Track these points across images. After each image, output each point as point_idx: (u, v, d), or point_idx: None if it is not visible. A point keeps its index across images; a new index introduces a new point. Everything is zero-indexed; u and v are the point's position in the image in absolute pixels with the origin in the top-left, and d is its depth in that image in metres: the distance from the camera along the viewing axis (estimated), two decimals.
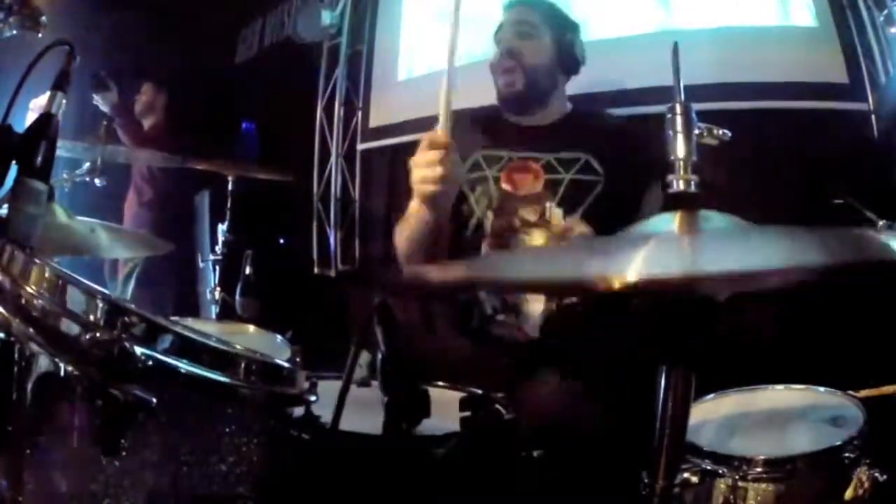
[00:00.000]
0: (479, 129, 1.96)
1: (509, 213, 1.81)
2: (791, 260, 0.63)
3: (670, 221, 0.76)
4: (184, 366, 0.91)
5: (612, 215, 1.49)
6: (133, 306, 0.94)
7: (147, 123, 3.91)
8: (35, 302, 0.93)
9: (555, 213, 1.76)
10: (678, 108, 0.81)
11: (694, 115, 0.82)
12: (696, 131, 0.82)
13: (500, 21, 1.96)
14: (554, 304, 1.75)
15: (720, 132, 0.88)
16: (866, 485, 1.24)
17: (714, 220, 0.77)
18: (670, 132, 0.81)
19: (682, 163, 0.80)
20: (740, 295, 0.67)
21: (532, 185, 1.79)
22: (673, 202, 0.78)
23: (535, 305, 1.77)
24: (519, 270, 0.73)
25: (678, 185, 0.79)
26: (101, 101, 3.58)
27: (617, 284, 0.58)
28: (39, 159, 1.06)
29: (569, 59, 1.92)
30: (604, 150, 1.79)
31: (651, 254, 0.65)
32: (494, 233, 1.81)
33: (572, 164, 1.79)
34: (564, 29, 1.93)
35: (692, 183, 0.79)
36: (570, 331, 1.72)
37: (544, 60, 1.88)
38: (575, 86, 3.08)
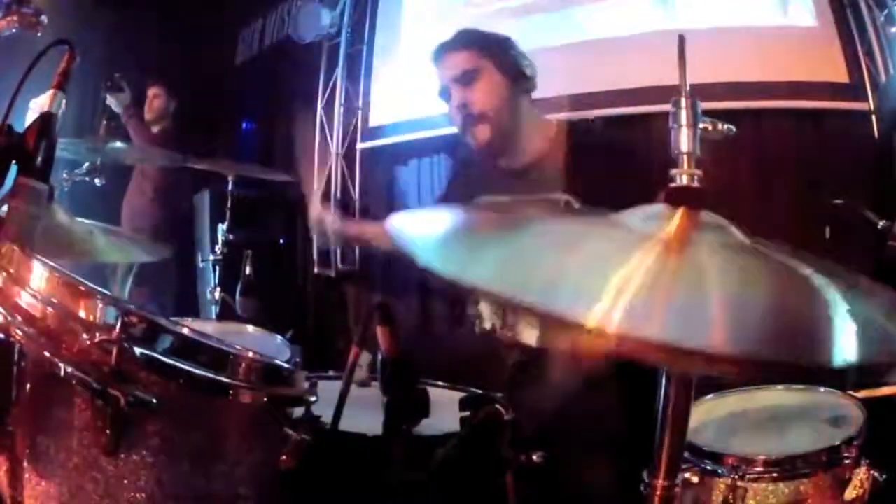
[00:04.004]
0: (472, 176, 1.93)
1: None
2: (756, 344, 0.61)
3: (669, 220, 0.75)
4: (183, 366, 0.91)
5: None
6: (133, 306, 0.94)
7: (156, 128, 3.92)
8: (35, 302, 0.93)
9: None
10: (683, 102, 0.79)
11: (699, 109, 0.80)
12: (701, 126, 0.80)
13: (437, 73, 1.84)
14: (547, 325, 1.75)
15: (724, 127, 0.86)
16: (866, 485, 1.24)
17: (709, 232, 0.75)
18: (675, 125, 0.79)
19: (685, 157, 0.78)
20: None
21: None
22: (676, 197, 0.76)
23: (532, 328, 1.76)
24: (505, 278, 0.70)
25: (681, 179, 0.77)
26: (113, 103, 3.58)
27: (591, 335, 0.57)
28: (39, 159, 1.06)
29: (520, 78, 1.79)
30: (584, 188, 1.70)
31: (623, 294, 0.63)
32: None
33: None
34: (501, 50, 1.80)
35: (696, 177, 0.77)
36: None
37: (498, 94, 1.76)
38: (575, 86, 3.09)
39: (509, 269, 0.70)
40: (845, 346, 0.61)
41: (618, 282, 0.63)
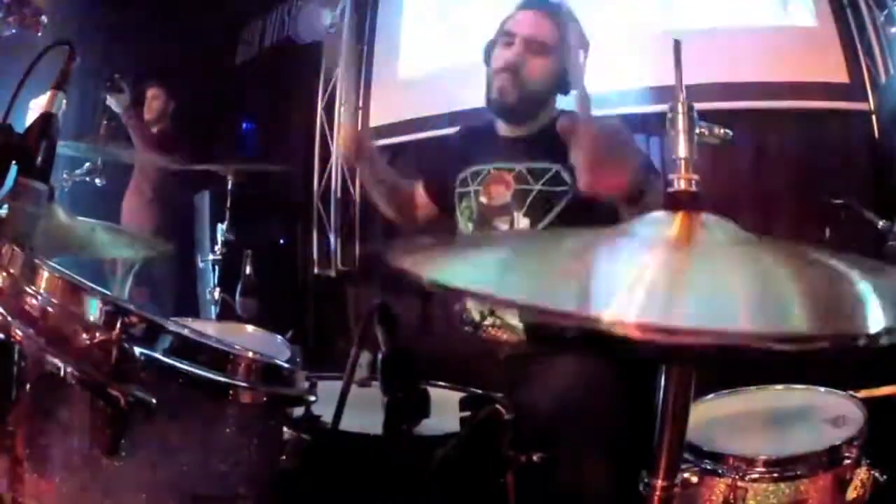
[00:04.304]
0: (470, 145, 1.97)
1: (486, 224, 1.83)
2: (770, 320, 0.60)
3: (670, 224, 0.75)
4: (184, 366, 0.91)
5: (581, 225, 1.41)
6: (133, 306, 0.94)
7: (156, 128, 3.92)
8: (35, 302, 0.93)
9: (522, 223, 1.77)
10: (680, 107, 0.80)
11: (696, 114, 0.81)
12: (698, 130, 0.81)
13: (516, 12, 1.84)
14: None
15: (721, 131, 0.87)
16: (867, 485, 1.24)
17: (713, 228, 0.75)
18: (672, 131, 0.80)
19: (683, 162, 0.79)
20: None
21: (504, 195, 1.80)
22: (674, 202, 0.77)
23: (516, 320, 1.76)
24: (501, 289, 0.70)
25: (679, 184, 0.78)
26: (113, 103, 3.60)
27: (605, 328, 0.55)
28: (39, 159, 1.06)
29: (568, 82, 1.82)
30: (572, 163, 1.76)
31: (638, 288, 0.62)
32: None
33: (542, 175, 1.77)
34: (576, 50, 1.81)
35: (693, 182, 0.78)
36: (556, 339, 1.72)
37: (545, 81, 1.80)
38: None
39: (518, 278, 0.70)
40: (877, 315, 0.60)
41: (629, 279, 0.63)
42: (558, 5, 1.85)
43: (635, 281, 0.63)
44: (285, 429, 1.08)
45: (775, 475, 1.24)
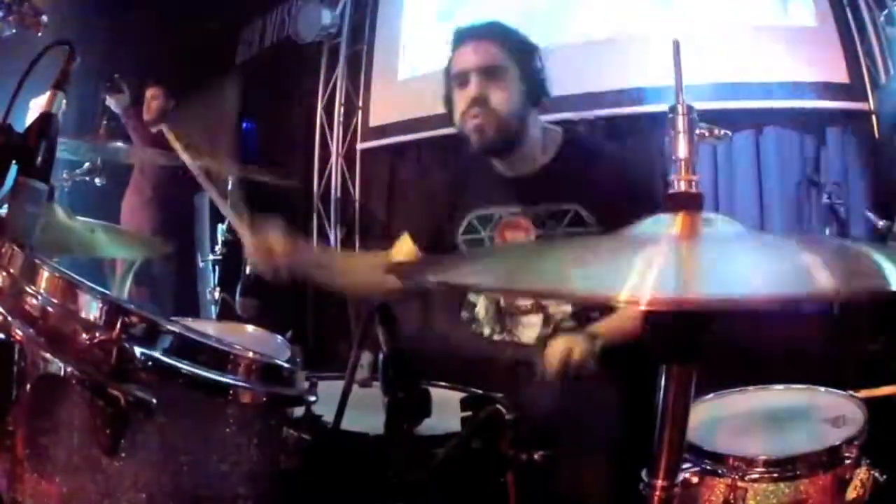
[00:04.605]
0: (469, 186, 1.88)
1: None
2: (786, 281, 0.61)
3: (672, 223, 0.75)
4: (184, 366, 0.91)
5: None
6: (133, 306, 0.94)
7: (155, 128, 3.92)
8: (35, 302, 0.93)
9: None
10: (680, 108, 0.80)
11: (695, 115, 0.81)
12: (698, 131, 0.81)
13: (454, 54, 1.78)
14: (550, 329, 1.72)
15: (721, 132, 0.87)
16: (867, 485, 1.24)
17: (715, 223, 0.76)
18: (672, 132, 0.80)
19: (683, 163, 0.79)
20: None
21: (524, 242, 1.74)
22: (675, 203, 0.77)
23: (531, 330, 1.76)
24: (522, 279, 0.72)
25: (679, 185, 0.78)
26: (113, 104, 3.60)
27: (619, 302, 0.57)
28: (39, 159, 1.06)
29: (536, 92, 1.76)
30: (593, 198, 1.69)
31: (651, 269, 0.64)
32: None
33: (563, 217, 1.71)
34: (528, 58, 1.76)
35: (694, 183, 0.78)
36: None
37: (514, 100, 1.72)
38: (575, 86, 3.08)
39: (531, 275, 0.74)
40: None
41: (640, 266, 0.66)
42: (487, 27, 1.80)
43: (646, 267, 0.66)
44: (285, 429, 1.08)
45: (775, 475, 1.24)
